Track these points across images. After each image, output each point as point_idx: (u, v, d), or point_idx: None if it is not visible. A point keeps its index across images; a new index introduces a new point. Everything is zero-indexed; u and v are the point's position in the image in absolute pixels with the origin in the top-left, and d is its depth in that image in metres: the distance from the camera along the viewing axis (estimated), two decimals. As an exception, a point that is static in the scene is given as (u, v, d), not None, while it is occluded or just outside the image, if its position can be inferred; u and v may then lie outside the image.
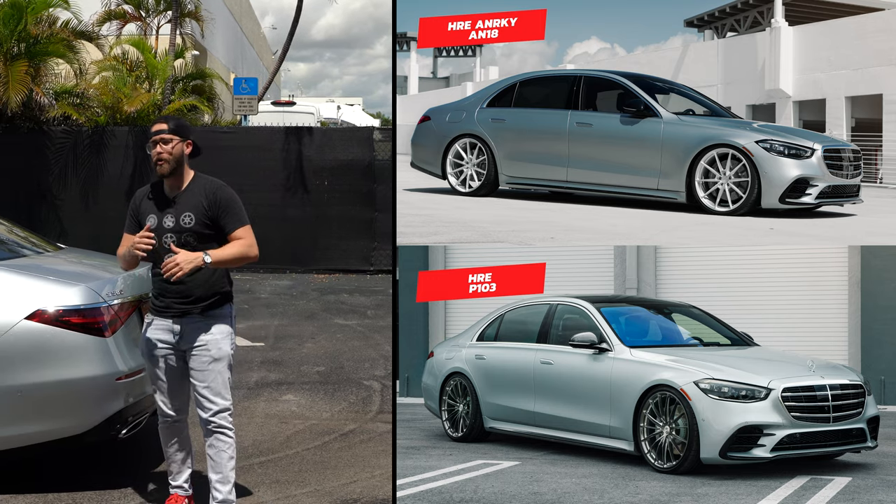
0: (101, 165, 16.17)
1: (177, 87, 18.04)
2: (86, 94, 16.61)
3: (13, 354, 5.15)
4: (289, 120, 20.78)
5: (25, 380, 5.18)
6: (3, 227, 6.59)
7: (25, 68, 15.36)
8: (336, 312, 12.20)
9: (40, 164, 16.14)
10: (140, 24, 21.29)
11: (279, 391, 7.99)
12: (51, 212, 16.19)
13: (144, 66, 17.91)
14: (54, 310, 5.23)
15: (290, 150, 16.12)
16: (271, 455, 6.27)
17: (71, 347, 5.24)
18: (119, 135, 16.15)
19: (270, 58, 48.18)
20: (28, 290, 5.30)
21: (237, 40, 37.43)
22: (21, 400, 5.19)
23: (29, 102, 15.90)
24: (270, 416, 7.18)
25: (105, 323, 5.34)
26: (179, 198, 4.87)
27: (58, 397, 5.25)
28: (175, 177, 4.87)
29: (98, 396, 5.32)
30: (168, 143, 4.86)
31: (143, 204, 4.94)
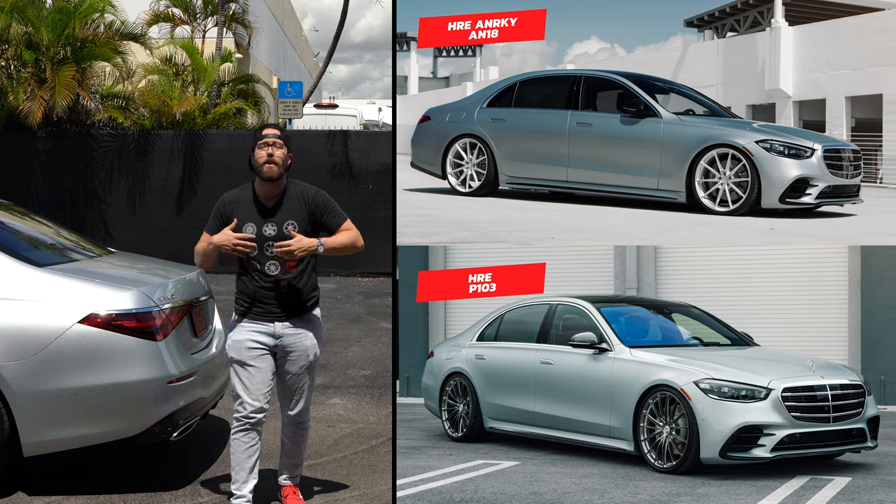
0: (146, 169, 16.18)
1: (223, 91, 18.05)
2: (132, 98, 16.60)
3: (66, 358, 5.24)
4: (332, 123, 20.75)
5: (78, 383, 5.26)
6: (53, 231, 6.66)
7: (72, 73, 15.37)
8: (381, 316, 12.18)
9: (86, 167, 16.16)
10: (188, 27, 21.31)
11: (326, 395, 8.01)
12: (96, 215, 16.23)
13: (190, 69, 17.88)
14: (107, 314, 5.30)
15: (335, 154, 16.09)
16: (319, 458, 6.30)
17: (123, 351, 5.32)
18: (165, 138, 16.13)
19: (312, 60, 48.04)
20: (81, 295, 5.38)
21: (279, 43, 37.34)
22: (74, 402, 5.27)
23: (75, 106, 15.91)
24: (318, 420, 7.18)
25: (157, 327, 5.42)
26: (278, 205, 4.98)
27: (110, 400, 5.33)
28: (276, 183, 4.97)
29: (150, 400, 5.38)
30: (280, 148, 4.97)
31: (236, 210, 4.98)
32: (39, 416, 5.25)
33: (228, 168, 15.49)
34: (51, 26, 15.75)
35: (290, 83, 19.26)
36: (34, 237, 6.29)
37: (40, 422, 5.25)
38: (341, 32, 21.36)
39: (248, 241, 4.86)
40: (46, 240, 6.39)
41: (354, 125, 22.75)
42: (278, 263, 4.96)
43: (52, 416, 5.26)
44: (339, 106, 26.10)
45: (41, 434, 5.27)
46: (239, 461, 5.04)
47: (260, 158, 4.94)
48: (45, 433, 5.27)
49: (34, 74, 15.52)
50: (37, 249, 6.02)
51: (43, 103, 15.18)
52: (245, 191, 5.06)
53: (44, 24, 15.76)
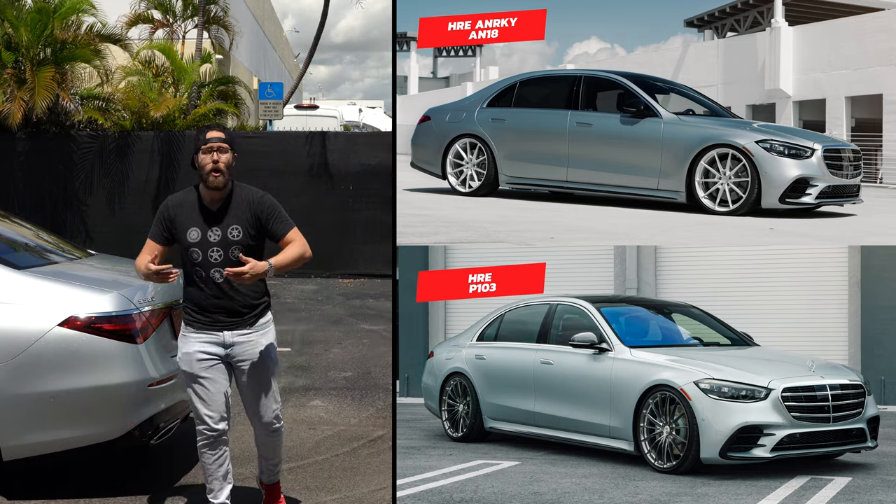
0: (126, 170, 16.12)
1: (203, 92, 18.04)
2: (112, 99, 16.57)
3: (46, 361, 5.21)
4: (312, 124, 20.66)
5: (58, 386, 5.22)
6: (33, 233, 6.64)
7: (52, 74, 15.32)
8: (362, 317, 12.16)
9: (66, 168, 16.10)
10: (167, 29, 21.30)
11: (307, 397, 7.98)
12: (76, 217, 16.17)
13: (170, 70, 17.87)
14: (86, 316, 5.27)
15: (314, 155, 16.05)
16: (300, 461, 6.27)
17: (103, 354, 5.28)
18: (145, 139, 16.09)
19: (292, 61, 47.97)
20: (60, 297, 5.35)
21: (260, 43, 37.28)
22: (54, 406, 5.24)
23: (55, 107, 15.87)
24: (298, 422, 7.16)
25: (137, 330, 5.38)
26: (224, 210, 4.77)
27: (90, 403, 5.29)
28: (223, 189, 4.77)
29: (130, 402, 5.35)
30: (225, 153, 4.74)
31: (180, 214, 4.80)
32: (19, 420, 5.19)
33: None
34: (30, 26, 15.67)
35: (271, 84, 19.26)
36: (13, 239, 6.22)
37: (20, 425, 5.20)
38: (321, 33, 21.38)
39: (170, 271, 4.64)
40: (26, 242, 6.34)
41: (335, 126, 22.67)
42: (223, 270, 4.71)
43: (31, 419, 5.20)
44: (320, 107, 26.04)
45: (21, 437, 5.22)
46: (210, 471, 4.98)
47: (206, 166, 4.69)
48: (24, 437, 5.22)
49: (13, 75, 15.44)
50: (16, 252, 5.97)
51: (22, 104, 15.12)
52: (189, 194, 4.86)
53: (23, 24, 15.68)
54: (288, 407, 7.57)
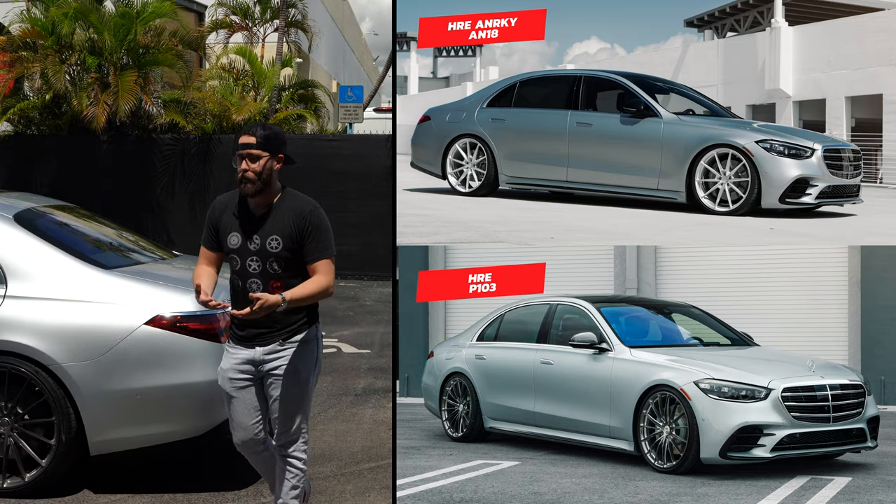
0: (208, 174, 16.20)
1: (283, 96, 18.04)
2: (193, 103, 16.64)
3: (132, 358, 5.33)
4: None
5: (144, 383, 5.35)
6: (117, 233, 6.78)
7: (135, 78, 15.46)
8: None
9: (148, 172, 16.21)
10: (247, 33, 21.34)
11: (387, 398, 8.01)
12: (157, 219, 16.26)
13: (251, 75, 17.89)
14: (172, 315, 5.40)
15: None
16: (381, 461, 6.36)
17: (188, 352, 5.40)
18: (226, 143, 16.12)
19: (371, 64, 47.88)
20: (147, 296, 5.48)
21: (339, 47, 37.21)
22: (140, 402, 5.36)
23: (137, 111, 15.98)
24: (379, 423, 7.27)
25: (220, 329, 5.49)
26: (266, 218, 4.47)
27: (175, 400, 5.41)
28: (262, 195, 4.46)
29: (214, 400, 5.38)
30: (256, 161, 4.41)
31: (224, 217, 4.58)
32: (106, 415, 5.33)
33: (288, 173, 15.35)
34: (114, 31, 15.84)
35: (351, 87, 19.22)
36: (99, 240, 6.43)
37: (107, 421, 5.35)
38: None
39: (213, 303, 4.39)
40: (111, 242, 6.50)
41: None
42: (260, 281, 4.46)
43: (118, 415, 5.34)
44: None
45: (107, 433, 5.36)
46: (262, 473, 4.90)
47: (237, 173, 4.42)
48: (111, 432, 5.37)
49: (97, 79, 15.63)
50: (102, 252, 6.14)
51: (106, 108, 15.29)
52: (236, 195, 4.59)
53: (107, 29, 15.85)
54: (368, 408, 7.65)
